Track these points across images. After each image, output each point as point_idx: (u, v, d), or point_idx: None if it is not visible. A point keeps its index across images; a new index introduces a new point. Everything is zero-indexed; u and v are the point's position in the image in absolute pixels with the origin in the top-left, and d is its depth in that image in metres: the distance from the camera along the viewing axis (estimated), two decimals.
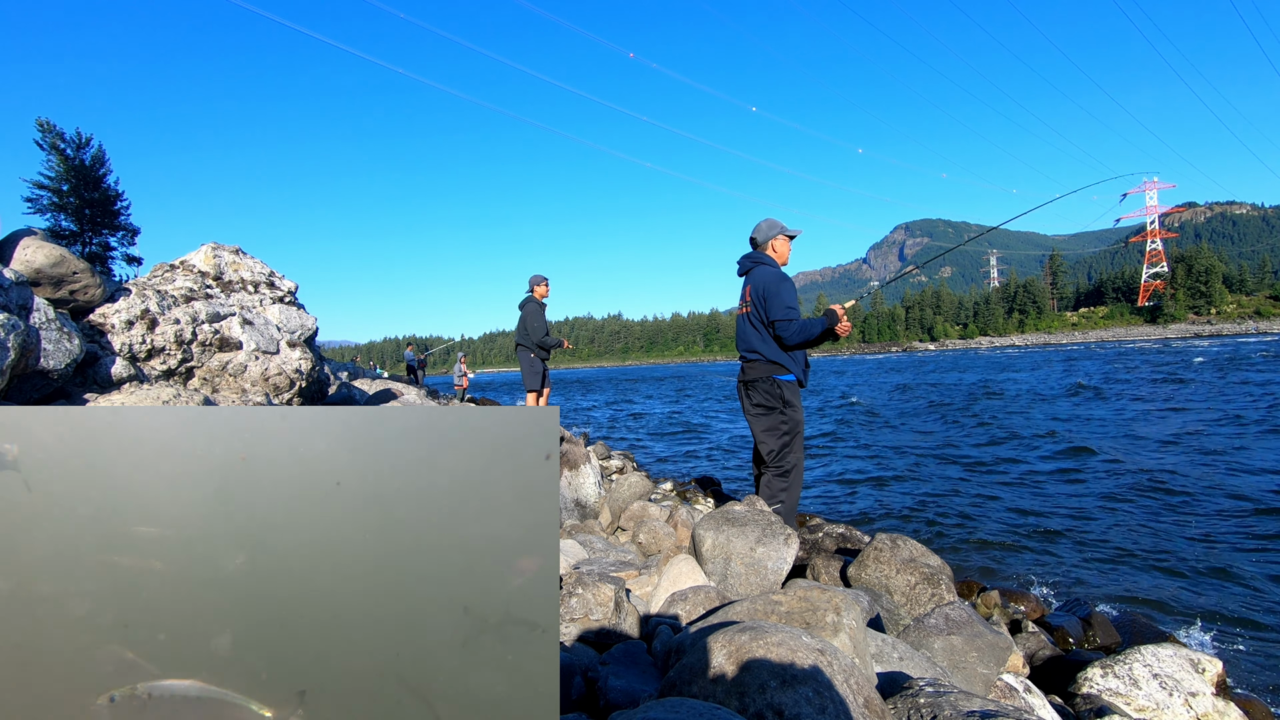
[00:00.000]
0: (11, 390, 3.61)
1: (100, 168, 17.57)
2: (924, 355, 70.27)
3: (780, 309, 3.34)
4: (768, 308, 3.38)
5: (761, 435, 3.51)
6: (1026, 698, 1.79)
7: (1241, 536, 3.95)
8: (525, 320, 6.83)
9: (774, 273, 3.50)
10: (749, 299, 3.51)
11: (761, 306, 3.42)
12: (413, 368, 22.41)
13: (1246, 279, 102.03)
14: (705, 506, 4.59)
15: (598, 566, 2.77)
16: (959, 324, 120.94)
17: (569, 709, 1.41)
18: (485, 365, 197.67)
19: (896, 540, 2.62)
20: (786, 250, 3.63)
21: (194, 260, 5.88)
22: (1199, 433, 7.77)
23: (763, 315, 3.42)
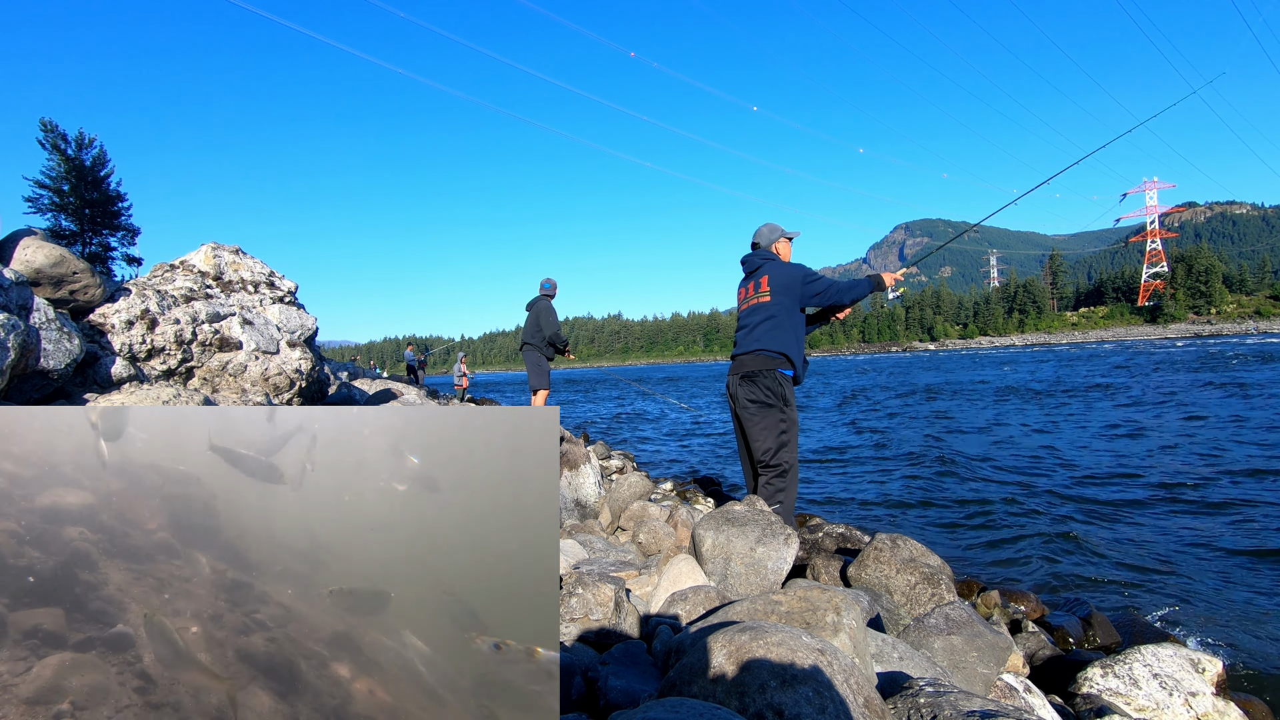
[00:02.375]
0: (11, 390, 3.61)
1: (101, 168, 17.58)
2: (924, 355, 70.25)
3: (818, 279, 3.49)
4: (804, 283, 3.48)
5: (758, 432, 3.49)
6: (1026, 698, 1.80)
7: (1242, 536, 3.95)
8: (538, 316, 6.76)
9: (793, 263, 3.63)
10: (766, 288, 3.54)
11: (795, 287, 3.49)
12: (413, 368, 22.41)
13: (1246, 279, 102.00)
14: (705, 506, 4.59)
15: (598, 566, 2.77)
16: (959, 324, 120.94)
17: (569, 709, 1.41)
18: (485, 365, 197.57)
19: (896, 540, 2.62)
20: (788, 253, 3.76)
21: (194, 260, 5.89)
22: (1199, 433, 7.78)
23: (793, 297, 3.49)
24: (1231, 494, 4.87)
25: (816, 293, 3.48)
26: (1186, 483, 5.27)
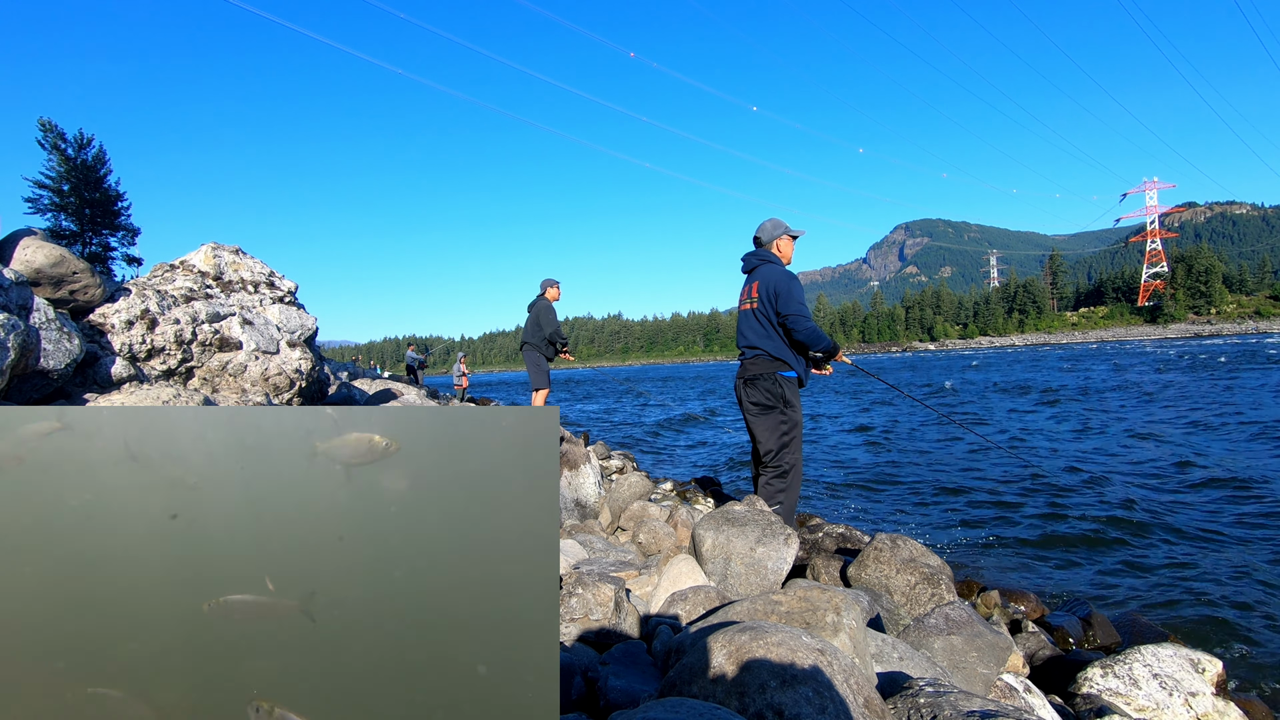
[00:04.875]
0: (11, 390, 3.61)
1: (101, 168, 17.57)
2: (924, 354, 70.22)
3: (793, 304, 3.38)
4: (779, 303, 3.41)
5: (760, 434, 3.51)
6: (1026, 698, 1.79)
7: (1242, 536, 3.95)
8: (538, 316, 6.78)
9: (783, 270, 3.55)
10: (755, 295, 3.53)
11: (771, 302, 3.45)
12: (413, 368, 22.39)
13: (1246, 279, 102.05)
14: (705, 506, 4.59)
15: (598, 566, 2.77)
16: (959, 324, 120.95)
17: (569, 709, 1.41)
18: (485, 365, 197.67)
19: (896, 540, 2.62)
20: (790, 250, 3.68)
21: (194, 260, 5.89)
22: (1199, 433, 7.78)
23: (771, 311, 3.45)
24: (1232, 494, 4.87)
25: (784, 316, 3.38)
26: (1187, 482, 5.27)
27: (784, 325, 3.41)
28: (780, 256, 3.63)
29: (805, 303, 3.42)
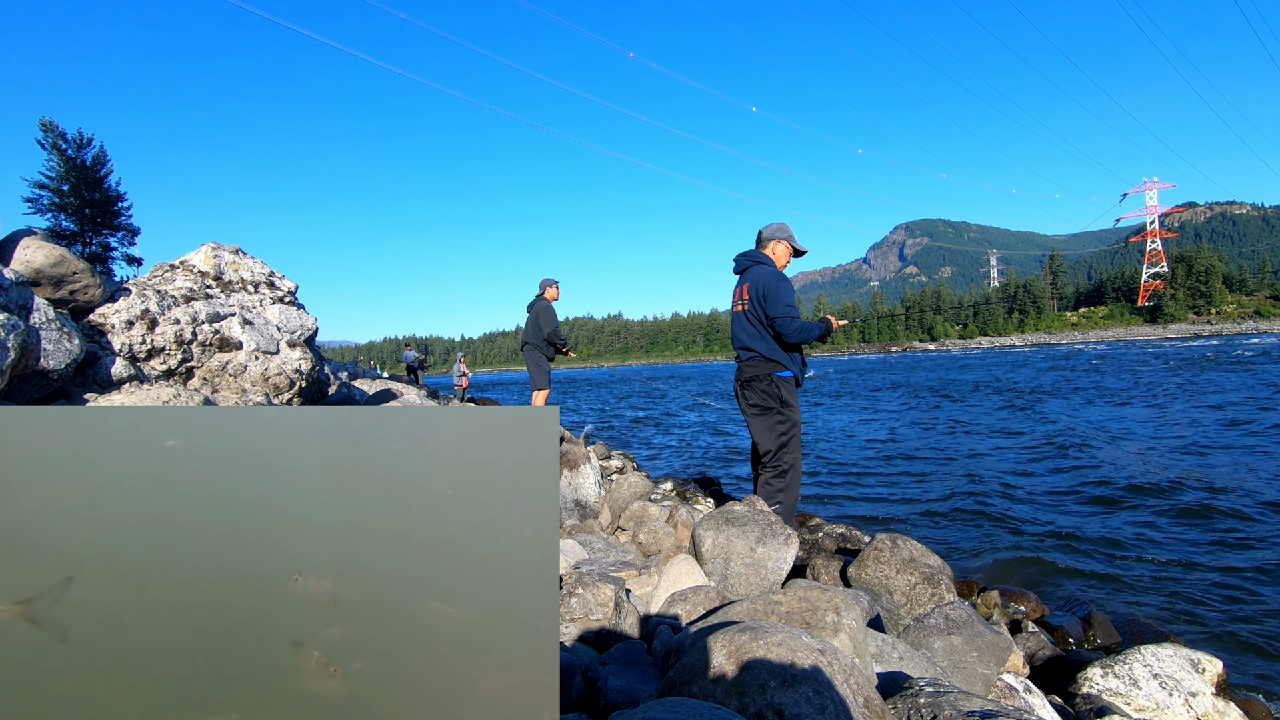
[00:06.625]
0: (11, 390, 3.61)
1: (101, 168, 17.58)
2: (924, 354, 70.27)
3: (781, 306, 3.35)
4: (767, 305, 3.39)
5: (759, 435, 3.52)
6: (1026, 698, 1.79)
7: (1242, 536, 3.95)
8: (538, 316, 6.79)
9: (772, 271, 3.52)
10: (746, 296, 3.52)
11: (760, 304, 3.43)
12: (412, 368, 22.38)
13: (1246, 279, 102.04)
14: (705, 506, 4.59)
15: (598, 566, 2.77)
16: (959, 324, 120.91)
17: (569, 709, 1.41)
18: (485, 365, 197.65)
19: (896, 540, 2.62)
20: (787, 257, 3.65)
21: (194, 260, 5.88)
22: (1200, 433, 7.77)
23: (761, 313, 3.43)
24: (1232, 494, 4.87)
25: (772, 319, 3.37)
26: (1188, 484, 5.27)
27: (777, 324, 3.39)
28: (774, 259, 3.60)
29: (794, 304, 3.39)
